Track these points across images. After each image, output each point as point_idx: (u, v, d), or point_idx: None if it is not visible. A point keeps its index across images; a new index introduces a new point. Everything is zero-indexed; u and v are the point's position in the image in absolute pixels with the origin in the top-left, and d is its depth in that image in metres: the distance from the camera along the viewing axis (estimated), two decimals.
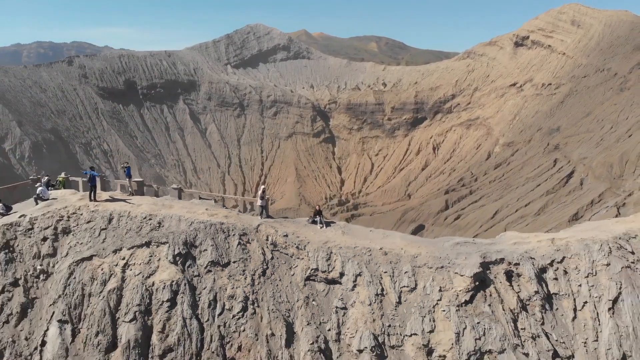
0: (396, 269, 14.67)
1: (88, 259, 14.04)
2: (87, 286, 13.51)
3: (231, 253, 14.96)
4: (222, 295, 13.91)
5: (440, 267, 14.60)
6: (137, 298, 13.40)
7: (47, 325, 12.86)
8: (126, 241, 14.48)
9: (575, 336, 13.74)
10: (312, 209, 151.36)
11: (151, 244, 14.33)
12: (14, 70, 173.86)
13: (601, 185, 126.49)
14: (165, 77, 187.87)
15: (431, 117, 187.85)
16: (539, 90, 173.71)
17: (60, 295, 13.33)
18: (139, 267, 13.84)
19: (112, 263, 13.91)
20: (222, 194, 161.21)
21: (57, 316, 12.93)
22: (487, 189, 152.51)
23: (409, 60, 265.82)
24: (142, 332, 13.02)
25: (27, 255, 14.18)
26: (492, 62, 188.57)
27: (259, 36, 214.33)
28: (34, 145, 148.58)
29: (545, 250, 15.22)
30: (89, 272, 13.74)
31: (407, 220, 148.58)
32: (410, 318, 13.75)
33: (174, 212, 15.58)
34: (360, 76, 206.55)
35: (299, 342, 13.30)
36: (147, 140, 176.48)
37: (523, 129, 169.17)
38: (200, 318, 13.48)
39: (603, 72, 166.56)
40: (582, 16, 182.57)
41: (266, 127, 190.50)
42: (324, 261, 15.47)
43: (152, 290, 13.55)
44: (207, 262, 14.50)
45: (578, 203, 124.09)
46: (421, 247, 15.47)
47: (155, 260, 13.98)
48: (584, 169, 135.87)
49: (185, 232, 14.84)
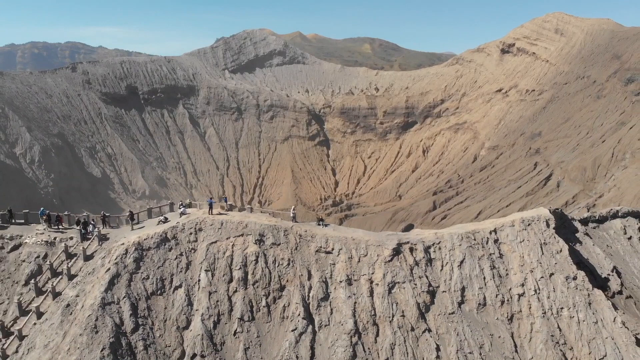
0: (358, 246, 31.04)
1: (214, 242, 30.45)
2: (215, 255, 29.91)
3: (280, 239, 31.19)
4: (278, 258, 30.32)
5: (378, 245, 30.90)
6: (240, 260, 29.82)
7: (199, 273, 29.40)
8: (231, 233, 30.79)
9: (441, 279, 30.38)
10: (307, 209, 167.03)
11: (243, 235, 30.78)
12: (20, 76, 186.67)
13: (575, 188, 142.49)
14: (165, 82, 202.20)
15: (421, 121, 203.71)
16: (523, 96, 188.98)
17: (203, 260, 29.63)
18: (239, 246, 30.20)
19: (227, 243, 30.36)
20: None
21: (204, 268, 29.41)
22: (473, 190, 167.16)
23: (402, 62, 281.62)
24: (243, 274, 29.48)
25: (184, 241, 30.53)
26: (480, 68, 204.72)
27: (256, 42, 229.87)
28: (43, 150, 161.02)
29: (431, 238, 31.68)
30: (215, 248, 30.12)
31: (397, 220, 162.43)
32: (364, 267, 30.16)
33: (252, 219, 31.86)
34: (354, 81, 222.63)
35: (313, 279, 29.79)
36: (148, 143, 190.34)
37: (507, 133, 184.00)
38: (268, 267, 29.92)
39: (583, 79, 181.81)
40: (565, 25, 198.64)
41: (263, 130, 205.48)
42: (324, 242, 31.45)
43: (246, 255, 29.95)
44: (270, 243, 30.79)
45: (554, 204, 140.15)
46: (371, 236, 31.87)
47: (246, 242, 30.31)
48: (561, 172, 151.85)
49: (258, 229, 31.06)
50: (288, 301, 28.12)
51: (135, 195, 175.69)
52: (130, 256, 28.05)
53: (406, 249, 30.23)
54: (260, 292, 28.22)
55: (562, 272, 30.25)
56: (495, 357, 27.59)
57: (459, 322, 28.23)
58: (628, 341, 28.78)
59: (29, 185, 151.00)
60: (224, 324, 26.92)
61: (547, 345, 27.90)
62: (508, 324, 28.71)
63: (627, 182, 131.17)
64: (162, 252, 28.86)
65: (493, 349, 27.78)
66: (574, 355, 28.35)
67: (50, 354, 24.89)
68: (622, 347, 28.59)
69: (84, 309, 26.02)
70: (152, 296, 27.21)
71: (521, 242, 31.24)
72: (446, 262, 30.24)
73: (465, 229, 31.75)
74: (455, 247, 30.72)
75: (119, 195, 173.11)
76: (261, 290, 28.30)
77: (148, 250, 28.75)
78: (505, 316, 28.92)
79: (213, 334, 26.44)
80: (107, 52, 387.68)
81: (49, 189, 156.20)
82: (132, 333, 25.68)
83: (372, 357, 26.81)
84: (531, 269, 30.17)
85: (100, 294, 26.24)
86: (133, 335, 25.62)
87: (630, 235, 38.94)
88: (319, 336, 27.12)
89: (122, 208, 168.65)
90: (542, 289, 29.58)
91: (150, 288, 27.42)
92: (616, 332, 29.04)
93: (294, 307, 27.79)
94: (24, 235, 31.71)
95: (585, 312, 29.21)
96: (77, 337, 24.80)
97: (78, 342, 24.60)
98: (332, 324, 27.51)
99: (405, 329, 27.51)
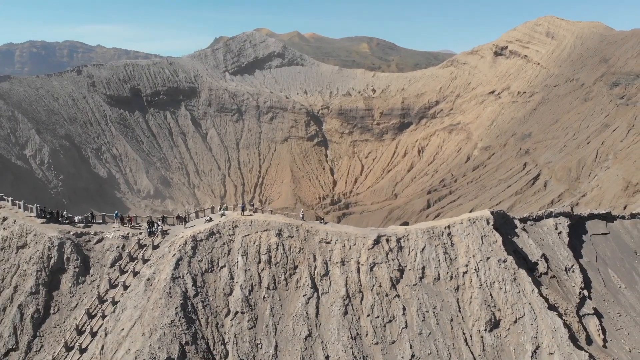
0: (349, 237, 44.37)
1: (247, 235, 43.69)
2: (248, 244, 43.14)
3: (293, 233, 44.42)
4: (292, 246, 43.62)
5: (364, 237, 44.29)
6: (265, 247, 43.00)
7: (237, 257, 42.60)
8: (258, 229, 44.01)
9: (407, 261, 43.77)
10: (307, 208, 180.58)
11: (267, 230, 44.06)
12: (27, 80, 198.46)
13: (561, 187, 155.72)
14: (167, 84, 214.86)
15: (417, 122, 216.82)
16: (515, 98, 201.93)
17: (239, 247, 42.79)
18: (264, 238, 43.41)
19: (255, 236, 43.62)
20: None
21: (240, 253, 42.61)
22: (465, 190, 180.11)
23: (399, 61, 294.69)
24: (267, 258, 42.85)
25: (225, 234, 43.69)
26: (474, 70, 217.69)
27: (255, 44, 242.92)
28: (52, 152, 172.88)
29: (401, 232, 45.11)
30: (247, 239, 43.37)
31: (392, 218, 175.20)
32: (353, 252, 43.50)
33: (272, 218, 45.12)
34: (351, 82, 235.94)
35: (317, 261, 43.11)
36: (152, 144, 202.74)
37: (499, 134, 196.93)
38: (285, 253, 43.20)
39: (572, 82, 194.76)
40: (556, 28, 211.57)
41: (263, 131, 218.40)
42: (325, 235, 44.81)
43: (269, 244, 43.19)
44: (286, 236, 44.01)
45: (541, 203, 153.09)
46: (358, 231, 45.23)
47: (269, 235, 43.58)
48: (548, 172, 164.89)
49: (278, 225, 44.25)
50: (300, 276, 41.59)
51: (140, 195, 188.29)
52: (188, 245, 41.49)
53: (383, 240, 43.74)
54: (280, 270, 41.70)
55: (495, 256, 43.77)
56: (445, 315, 41.13)
57: (419, 291, 41.76)
58: (541, 306, 42.27)
59: (39, 185, 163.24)
60: (256, 291, 40.38)
61: (481, 307, 41.40)
62: (455, 293, 42.23)
63: (609, 182, 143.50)
64: (210, 242, 42.33)
65: (443, 309, 41.32)
66: (501, 314, 41.86)
67: (140, 312, 38.27)
68: (537, 309, 42.07)
69: (160, 281, 39.44)
70: (205, 273, 40.66)
71: (467, 235, 44.78)
72: (412, 249, 43.75)
73: (427, 225, 45.33)
74: (419, 238, 44.25)
75: (124, 195, 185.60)
76: (281, 269, 41.78)
77: (200, 241, 42.19)
78: (453, 287, 42.44)
79: (249, 298, 39.90)
80: (105, 51, 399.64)
81: (58, 189, 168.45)
82: (194, 297, 39.08)
83: (358, 314, 40.32)
84: (473, 254, 43.68)
85: (171, 271, 39.65)
86: (194, 299, 39.02)
87: (560, 230, 52.47)
88: (321, 300, 40.62)
89: (127, 207, 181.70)
90: (480, 269, 43.10)
91: (204, 267, 40.87)
92: (533, 300, 42.56)
93: (304, 280, 41.26)
94: (104, 232, 45.06)
95: (510, 285, 42.73)
96: (157, 300, 38.19)
97: (159, 303, 37.97)
98: (330, 291, 41.00)
99: (381, 295, 41.02)
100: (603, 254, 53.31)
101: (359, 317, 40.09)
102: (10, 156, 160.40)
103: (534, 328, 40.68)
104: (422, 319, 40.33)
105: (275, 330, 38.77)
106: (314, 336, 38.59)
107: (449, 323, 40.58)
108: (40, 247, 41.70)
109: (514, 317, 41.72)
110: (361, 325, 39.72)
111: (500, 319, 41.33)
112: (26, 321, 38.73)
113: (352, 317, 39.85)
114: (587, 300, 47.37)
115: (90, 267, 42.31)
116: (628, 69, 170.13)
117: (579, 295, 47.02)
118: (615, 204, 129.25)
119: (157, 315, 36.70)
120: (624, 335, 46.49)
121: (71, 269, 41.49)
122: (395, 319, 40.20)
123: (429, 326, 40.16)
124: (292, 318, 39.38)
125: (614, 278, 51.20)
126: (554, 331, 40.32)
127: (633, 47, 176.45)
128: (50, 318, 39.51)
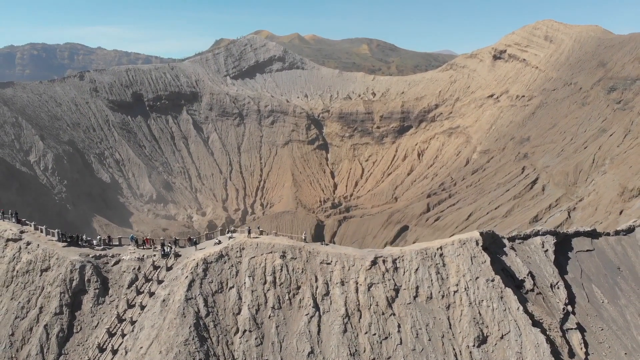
0: (348, 259, 48.37)
1: (253, 257, 47.66)
2: (254, 265, 47.15)
3: (296, 254, 48.44)
4: (295, 267, 47.63)
5: (362, 258, 48.27)
6: (270, 269, 46.94)
7: (244, 278, 46.58)
8: (264, 251, 47.96)
9: (402, 281, 47.87)
10: (307, 211, 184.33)
11: (272, 252, 48.03)
12: (30, 86, 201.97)
13: (558, 191, 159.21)
14: (169, 89, 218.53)
15: (416, 126, 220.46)
16: (514, 101, 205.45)
17: (247, 269, 46.82)
18: (269, 259, 47.33)
19: (261, 258, 47.57)
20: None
21: (247, 274, 46.62)
22: (464, 193, 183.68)
23: (399, 63, 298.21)
24: (273, 278, 47.03)
25: (233, 256, 47.72)
26: (473, 73, 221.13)
27: (256, 48, 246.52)
28: (56, 157, 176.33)
29: (397, 253, 49.04)
30: (254, 261, 47.25)
31: (393, 221, 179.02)
32: (352, 273, 47.60)
33: (277, 241, 49.09)
34: (351, 86, 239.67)
35: (319, 281, 47.15)
36: (154, 149, 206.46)
37: (498, 138, 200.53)
38: (289, 274, 47.19)
39: (570, 86, 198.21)
40: (555, 32, 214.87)
41: (264, 135, 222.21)
42: (325, 257, 48.91)
43: (274, 266, 47.14)
44: (290, 257, 48.02)
45: (538, 207, 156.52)
46: (356, 251, 49.19)
47: (274, 257, 47.53)
48: (546, 177, 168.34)
49: (282, 247, 48.33)
50: (302, 296, 45.51)
51: (142, 199, 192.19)
52: (200, 267, 45.41)
53: (380, 261, 47.65)
54: (284, 290, 45.63)
55: (484, 276, 47.66)
56: (436, 332, 45.04)
57: (413, 309, 45.68)
58: (526, 323, 46.12)
59: (44, 191, 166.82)
60: (262, 311, 44.30)
61: (470, 324, 45.30)
62: (446, 311, 46.13)
63: (605, 187, 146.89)
64: (219, 264, 46.25)
65: (435, 326, 45.24)
66: (489, 331, 45.75)
67: (157, 331, 42.21)
68: (522, 326, 45.93)
69: (174, 302, 43.35)
70: (215, 293, 44.56)
71: (458, 255, 48.66)
72: (407, 269, 47.66)
73: (420, 247, 49.24)
74: (413, 259, 48.14)
75: (127, 200, 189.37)
76: (285, 289, 45.70)
77: (210, 263, 46.11)
78: (444, 305, 46.34)
79: (255, 317, 43.81)
80: (106, 53, 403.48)
81: (62, 194, 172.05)
82: (206, 317, 42.99)
83: (356, 331, 44.26)
84: (463, 274, 47.56)
85: (184, 292, 43.54)
86: (206, 318, 42.92)
87: (547, 248, 56.29)
88: (323, 318, 44.55)
89: (130, 212, 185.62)
90: (470, 288, 46.99)
91: (214, 288, 44.78)
92: (518, 317, 46.44)
93: (306, 300, 45.19)
94: (121, 254, 48.93)
95: (497, 303, 46.61)
96: (172, 320, 42.10)
97: (174, 323, 41.89)
98: (331, 310, 44.94)
99: (378, 313, 44.95)
100: (587, 270, 57.17)
101: (357, 335, 44.00)
102: (14, 162, 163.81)
103: (519, 344, 44.57)
104: (415, 336, 44.24)
105: (281, 347, 42.71)
106: (316, 353, 42.52)
107: (440, 339, 44.49)
108: (62, 270, 45.60)
109: (500, 333, 45.57)
110: (359, 342, 43.65)
111: (487, 335, 45.21)
112: (52, 340, 42.64)
113: (351, 335, 43.77)
114: (571, 316, 51.21)
115: (109, 288, 46.21)
116: (625, 73, 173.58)
117: (563, 311, 50.85)
118: (612, 209, 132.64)
119: (172, 335, 40.61)
120: (605, 348, 50.37)
121: (92, 290, 45.39)
122: (391, 336, 44.12)
123: (422, 342, 44.08)
124: (296, 336, 43.29)
125: (597, 293, 55.06)
126: (537, 346, 44.22)
127: (630, 51, 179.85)
128: (73, 337, 43.44)
